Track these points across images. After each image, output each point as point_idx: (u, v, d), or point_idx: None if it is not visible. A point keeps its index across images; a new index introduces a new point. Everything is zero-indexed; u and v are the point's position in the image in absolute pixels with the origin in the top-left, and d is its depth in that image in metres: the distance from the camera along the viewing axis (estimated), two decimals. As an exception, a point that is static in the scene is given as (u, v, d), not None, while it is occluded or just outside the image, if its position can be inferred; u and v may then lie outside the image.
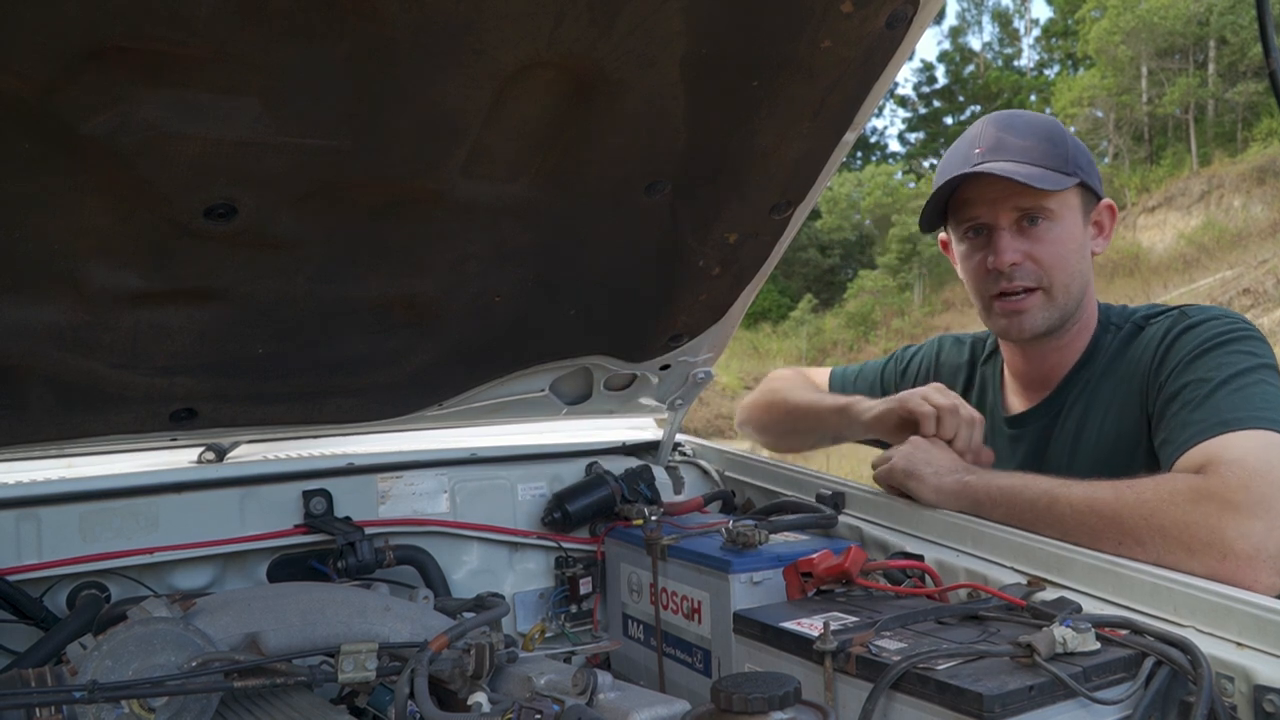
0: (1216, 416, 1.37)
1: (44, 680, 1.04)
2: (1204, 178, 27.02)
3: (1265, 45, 1.18)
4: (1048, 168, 1.61)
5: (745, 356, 26.15)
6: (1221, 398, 1.39)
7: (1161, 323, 1.62)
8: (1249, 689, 1.02)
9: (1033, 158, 1.62)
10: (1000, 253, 1.64)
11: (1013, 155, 1.63)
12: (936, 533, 1.51)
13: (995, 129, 1.68)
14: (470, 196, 1.34)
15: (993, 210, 1.65)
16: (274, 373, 1.53)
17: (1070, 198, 1.64)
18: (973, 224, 1.69)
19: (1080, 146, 1.68)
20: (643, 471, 1.91)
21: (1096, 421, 1.65)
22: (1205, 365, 1.46)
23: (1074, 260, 1.65)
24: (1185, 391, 1.45)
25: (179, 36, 0.99)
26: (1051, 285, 1.64)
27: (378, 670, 1.13)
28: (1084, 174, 1.65)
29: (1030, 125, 1.67)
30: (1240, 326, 1.52)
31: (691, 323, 1.78)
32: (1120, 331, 1.69)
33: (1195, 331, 1.53)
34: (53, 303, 1.27)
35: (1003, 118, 1.71)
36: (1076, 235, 1.66)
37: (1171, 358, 1.52)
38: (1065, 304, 1.66)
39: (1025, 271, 1.64)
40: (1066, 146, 1.65)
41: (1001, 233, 1.64)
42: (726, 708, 0.96)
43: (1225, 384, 1.41)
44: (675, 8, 1.15)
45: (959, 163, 1.68)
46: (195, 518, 1.59)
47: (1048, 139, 1.64)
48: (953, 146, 1.76)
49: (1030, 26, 48.41)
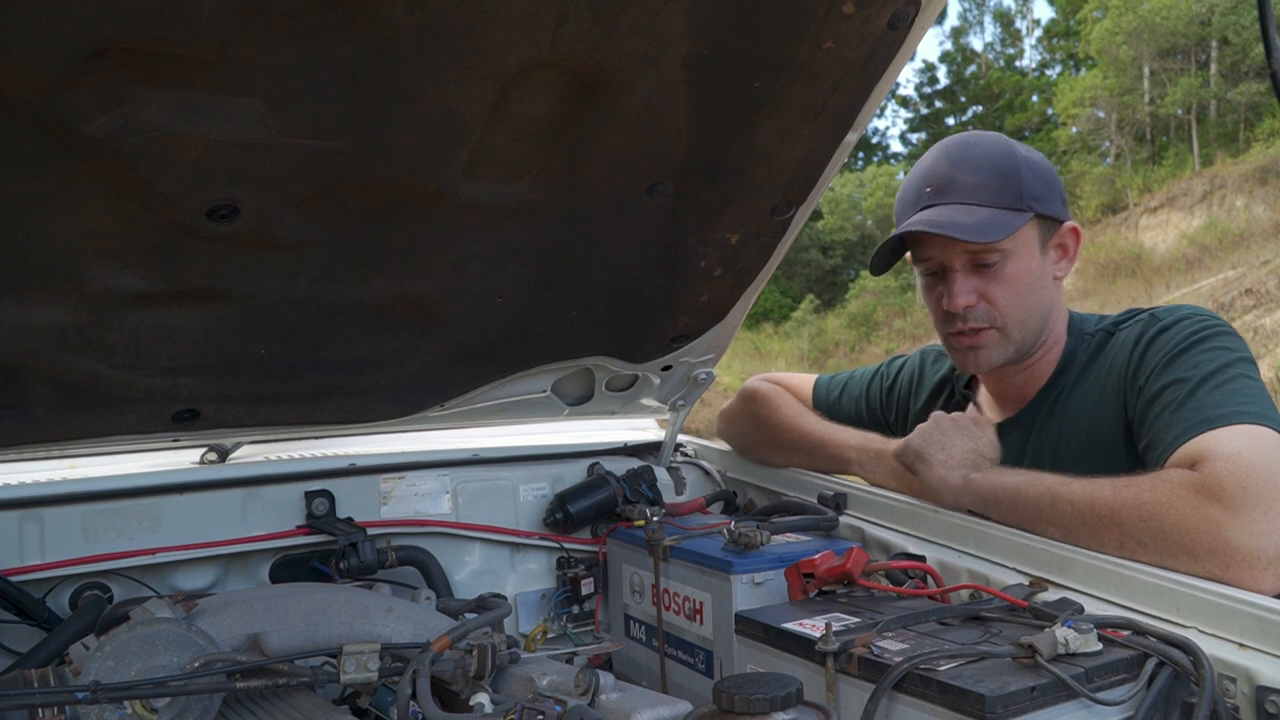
0: (1200, 414, 1.37)
1: (47, 681, 1.04)
2: (1206, 178, 26.97)
3: (1267, 45, 1.18)
4: (999, 206, 1.59)
5: (747, 357, 26.13)
6: (1203, 395, 1.39)
7: (1132, 327, 1.61)
8: (1251, 690, 1.02)
9: (982, 197, 1.60)
10: (954, 296, 1.64)
11: (962, 196, 1.62)
12: (938, 534, 1.51)
13: (947, 164, 1.66)
14: (472, 197, 1.34)
15: (945, 253, 1.65)
16: (276, 373, 1.53)
17: (1024, 234, 1.62)
18: (927, 263, 1.70)
19: (1037, 172, 1.65)
20: (644, 472, 1.91)
21: (1071, 430, 1.65)
22: (1183, 365, 1.46)
23: (1029, 295, 1.64)
24: (1165, 393, 1.45)
25: (181, 37, 0.99)
26: (1006, 323, 1.64)
27: (380, 671, 1.13)
28: (1039, 204, 1.62)
29: (981, 159, 1.64)
30: (1212, 324, 1.52)
31: (693, 323, 1.78)
32: (1092, 340, 1.69)
33: (1169, 334, 1.52)
34: (56, 303, 1.27)
35: (956, 150, 1.68)
36: (1033, 269, 1.65)
37: (1149, 360, 1.52)
38: (1022, 338, 1.66)
39: (979, 313, 1.65)
40: (1019, 179, 1.62)
41: (954, 275, 1.64)
42: (728, 708, 0.96)
43: (1205, 381, 1.41)
44: (678, 9, 1.15)
45: (912, 202, 1.69)
46: (198, 518, 1.59)
47: (1000, 174, 1.62)
48: (908, 179, 1.75)
49: (1032, 27, 48.35)
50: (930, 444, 1.58)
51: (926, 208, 1.64)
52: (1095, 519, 1.32)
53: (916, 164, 1.75)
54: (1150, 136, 33.71)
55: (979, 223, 1.58)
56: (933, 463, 1.56)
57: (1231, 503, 1.22)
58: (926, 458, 1.57)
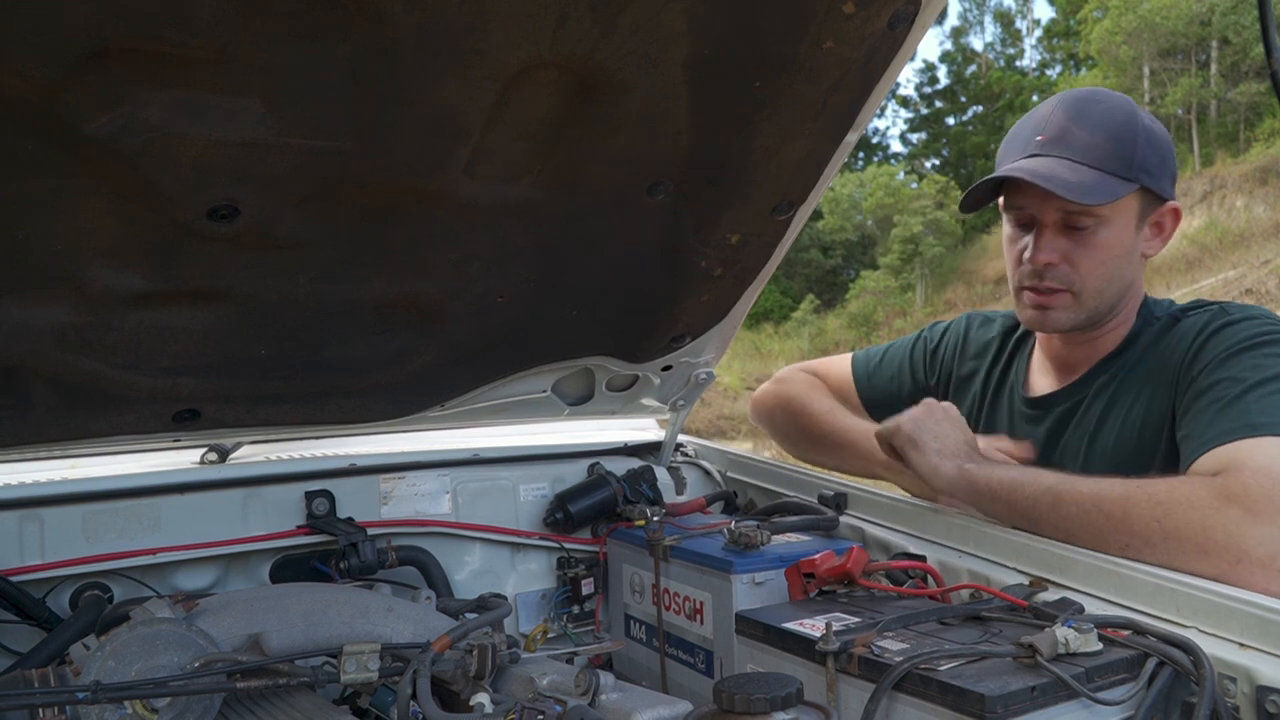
0: (1245, 419, 1.34)
1: (47, 681, 1.04)
2: (1206, 178, 26.99)
3: (1267, 45, 1.18)
4: (1107, 171, 1.55)
5: (747, 357, 26.14)
6: (1252, 400, 1.36)
7: (1199, 316, 1.58)
8: (1251, 690, 1.02)
9: (1093, 158, 1.56)
10: (1038, 251, 1.60)
11: (1073, 152, 1.57)
12: (938, 533, 1.51)
13: (1064, 116, 1.61)
14: (473, 197, 1.34)
15: (1039, 205, 1.60)
16: (277, 373, 1.53)
17: (1125, 204, 1.57)
18: (1019, 212, 1.65)
19: (1154, 144, 1.59)
20: (645, 472, 1.91)
21: (1121, 412, 1.62)
22: (1240, 365, 1.43)
23: (1114, 266, 1.60)
24: (1216, 389, 1.42)
25: (182, 37, 0.99)
26: (1083, 290, 1.61)
27: (380, 671, 1.13)
28: (1149, 177, 1.58)
29: (1101, 118, 1.59)
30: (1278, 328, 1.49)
31: (693, 323, 1.78)
32: (1159, 325, 1.65)
33: (1233, 329, 1.49)
34: (56, 303, 1.27)
35: (1077, 103, 1.62)
36: (1124, 241, 1.60)
37: (1206, 353, 1.49)
38: (1095, 307, 1.63)
39: (1059, 273, 1.61)
40: (1135, 147, 1.56)
41: (1044, 230, 1.60)
42: (729, 708, 0.96)
43: (1258, 386, 1.38)
44: (678, 9, 1.15)
45: (1020, 146, 1.64)
46: (198, 518, 1.59)
47: (1115, 137, 1.56)
48: (1020, 122, 1.70)
49: (1032, 27, 48.37)
50: (923, 430, 1.52)
51: (1033, 156, 1.60)
52: (1102, 520, 1.29)
53: (1032, 110, 1.70)
54: (1150, 136, 33.66)
55: (1083, 182, 1.53)
56: (926, 450, 1.50)
57: (1254, 508, 1.21)
58: (920, 444, 1.51)
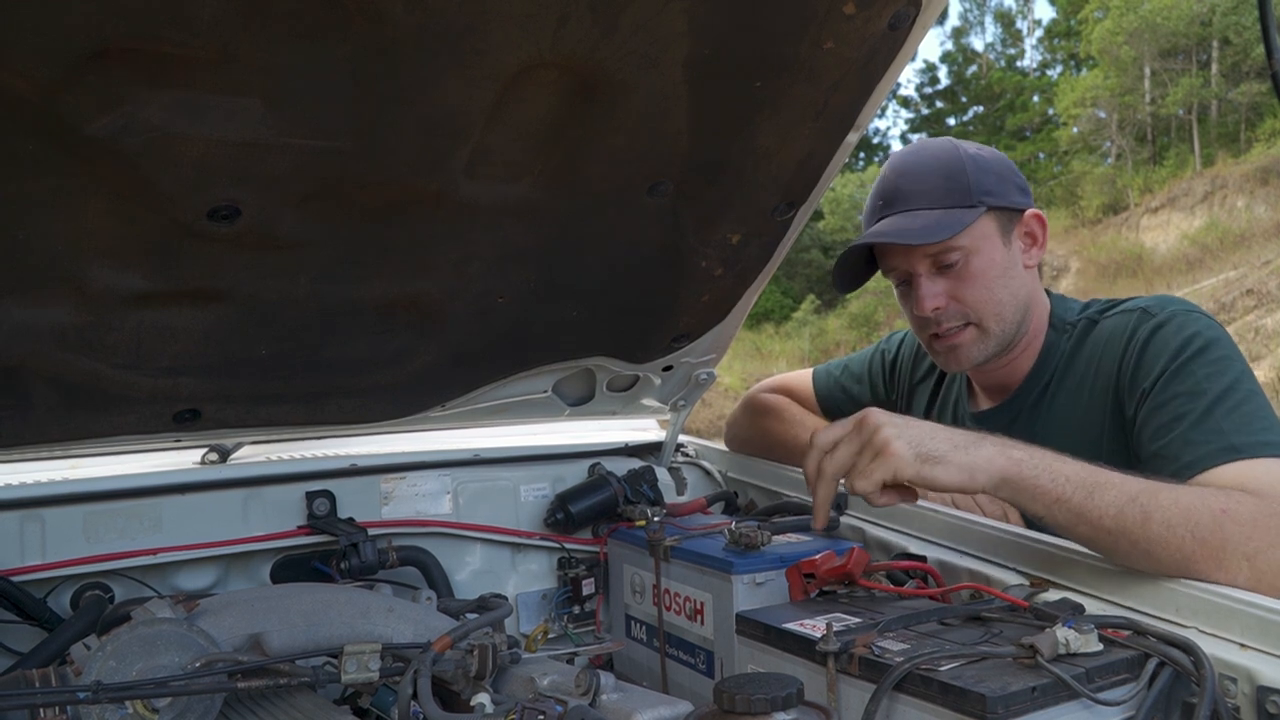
0: (1223, 440, 1.36)
1: (48, 680, 1.05)
2: (1207, 178, 26.95)
3: (1268, 46, 1.18)
4: (948, 206, 1.62)
5: (748, 357, 26.11)
6: (1221, 417, 1.39)
7: (1119, 319, 1.61)
8: (1252, 690, 1.02)
9: (931, 200, 1.63)
10: (920, 300, 1.66)
11: (910, 203, 1.65)
12: (939, 534, 1.51)
13: (894, 175, 1.70)
14: (473, 197, 1.34)
15: (906, 260, 1.67)
16: (277, 373, 1.53)
17: (980, 227, 1.63)
18: (895, 273, 1.72)
19: (987, 167, 1.65)
20: (645, 472, 1.91)
21: (1057, 423, 1.66)
22: (1193, 376, 1.44)
23: (999, 288, 1.65)
24: (1176, 404, 1.44)
25: (182, 37, 0.99)
26: (981, 318, 1.66)
27: (381, 671, 1.13)
28: (992, 198, 1.64)
29: (926, 164, 1.67)
30: (1205, 326, 1.51)
31: (694, 323, 1.78)
32: (1073, 332, 1.69)
33: (1165, 333, 1.51)
34: (56, 304, 1.27)
35: (900, 162, 1.72)
36: (998, 261, 1.65)
37: (1150, 361, 1.50)
38: (1001, 331, 1.67)
39: (951, 313, 1.66)
40: (966, 177, 1.63)
41: (919, 280, 1.66)
42: (729, 709, 0.96)
43: (1220, 401, 1.40)
44: (678, 9, 1.15)
45: (870, 216, 1.73)
46: (199, 519, 1.59)
47: (945, 175, 1.64)
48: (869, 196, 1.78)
49: (1033, 27, 48.32)
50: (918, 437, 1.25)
51: (880, 219, 1.68)
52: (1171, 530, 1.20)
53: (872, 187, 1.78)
54: (1151, 137, 33.69)
55: (925, 225, 1.61)
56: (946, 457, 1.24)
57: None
58: (934, 455, 1.24)
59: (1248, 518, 1.20)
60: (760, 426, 2.06)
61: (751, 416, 2.10)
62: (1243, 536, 1.18)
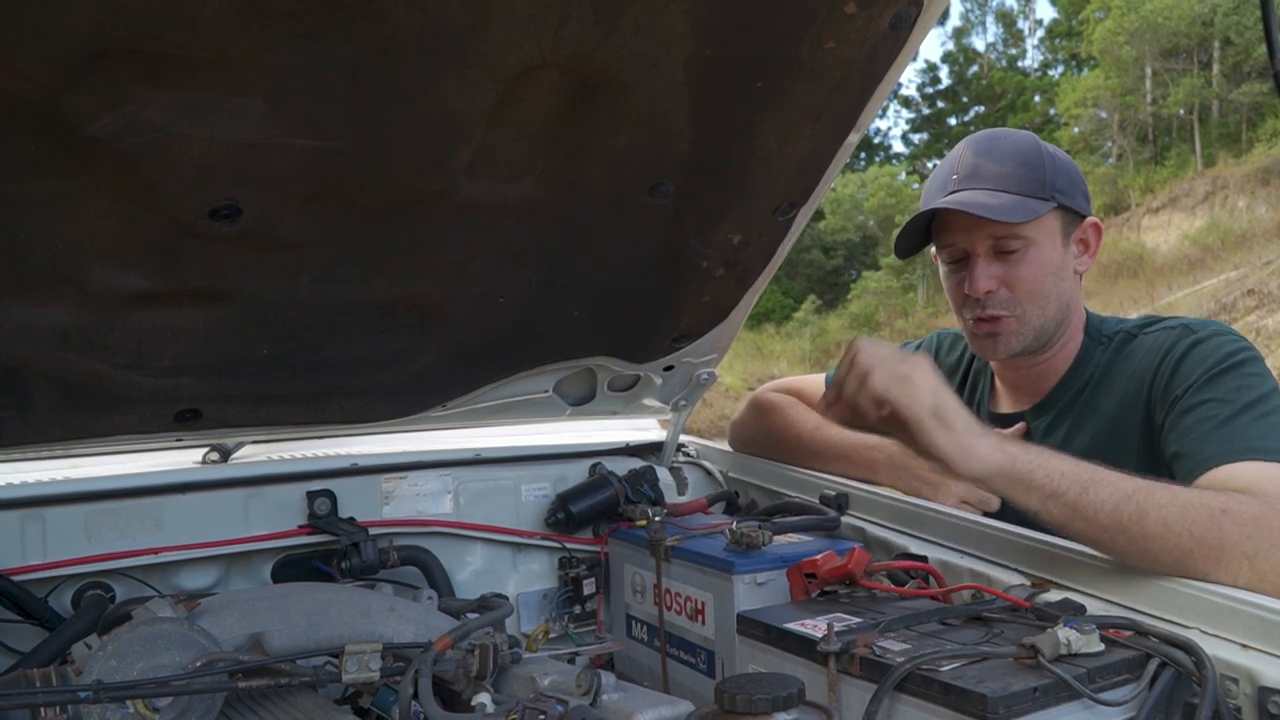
0: (1244, 442, 1.37)
1: (49, 680, 1.05)
2: (1208, 178, 26.95)
3: (1269, 46, 1.18)
4: (1022, 194, 1.63)
5: (749, 357, 26.11)
6: (1247, 423, 1.40)
7: (1162, 334, 1.62)
8: (1253, 690, 1.01)
9: (1008, 184, 1.64)
10: (975, 280, 1.66)
11: (988, 182, 1.65)
12: (940, 534, 1.51)
13: (973, 154, 1.70)
14: (474, 197, 1.34)
15: (968, 238, 1.67)
16: (278, 373, 1.53)
17: (1047, 222, 1.65)
18: (951, 249, 1.72)
19: (1062, 167, 1.68)
20: (646, 472, 1.90)
21: (1089, 430, 1.66)
22: (1225, 386, 1.46)
23: (1050, 284, 1.66)
24: (1204, 408, 1.45)
25: (183, 38, 0.99)
26: (1024, 312, 1.66)
27: (382, 671, 1.13)
28: (1063, 196, 1.65)
29: (1008, 149, 1.68)
30: (1245, 345, 1.54)
31: (695, 324, 1.78)
32: (1111, 344, 1.70)
33: (1204, 347, 1.53)
34: (57, 303, 1.27)
35: (982, 141, 1.73)
36: (1054, 259, 1.67)
37: (1185, 372, 1.52)
38: (1040, 327, 1.68)
39: (999, 299, 1.67)
40: (1044, 170, 1.65)
41: (977, 260, 1.67)
42: (730, 708, 0.96)
43: (1249, 409, 1.41)
44: (679, 9, 1.15)
45: (938, 189, 1.72)
46: (200, 518, 1.59)
47: (1025, 163, 1.65)
48: (936, 170, 1.79)
49: (1034, 27, 48.32)
50: (947, 404, 1.31)
51: (953, 192, 1.67)
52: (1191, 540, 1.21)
53: (942, 162, 1.79)
54: (1152, 137, 33.70)
55: (1003, 205, 1.61)
56: (955, 427, 1.29)
57: None
58: (947, 419, 1.29)
59: (1249, 518, 1.20)
60: (765, 423, 2.06)
61: (757, 414, 2.09)
62: (1243, 536, 1.18)
